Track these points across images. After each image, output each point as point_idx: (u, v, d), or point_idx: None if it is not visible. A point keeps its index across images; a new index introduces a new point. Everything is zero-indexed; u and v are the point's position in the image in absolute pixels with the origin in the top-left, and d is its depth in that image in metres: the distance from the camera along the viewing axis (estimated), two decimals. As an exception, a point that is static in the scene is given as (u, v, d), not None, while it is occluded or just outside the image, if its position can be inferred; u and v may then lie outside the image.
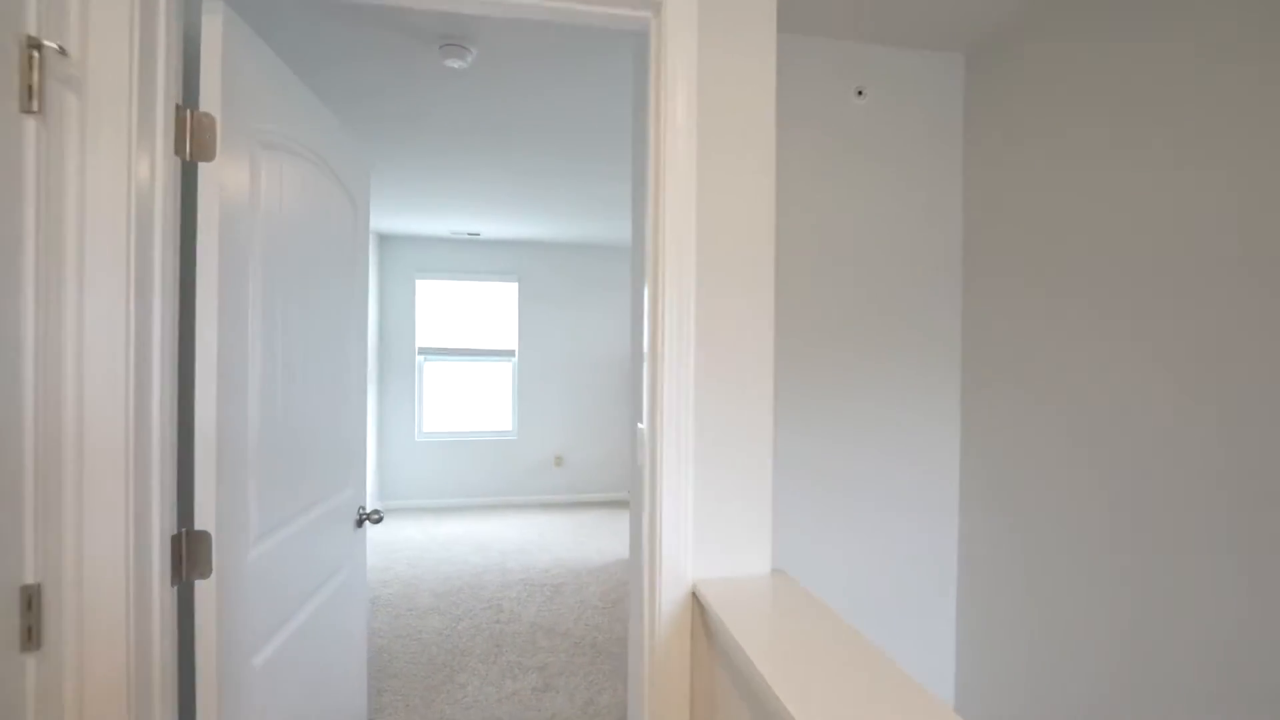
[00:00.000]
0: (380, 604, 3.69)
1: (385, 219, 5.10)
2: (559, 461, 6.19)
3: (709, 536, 1.36)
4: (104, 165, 1.05)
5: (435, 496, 5.98)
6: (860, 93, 2.03)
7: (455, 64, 2.17)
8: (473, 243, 5.99)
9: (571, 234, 5.60)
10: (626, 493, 6.31)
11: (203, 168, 1.18)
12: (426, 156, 3.40)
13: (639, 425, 1.45)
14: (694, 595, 1.34)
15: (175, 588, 1.18)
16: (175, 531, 1.18)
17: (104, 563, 1.06)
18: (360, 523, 1.98)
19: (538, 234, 5.63)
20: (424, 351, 6.00)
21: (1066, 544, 1.72)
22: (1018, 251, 1.88)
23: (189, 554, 1.18)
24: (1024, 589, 1.85)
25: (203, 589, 1.19)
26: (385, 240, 5.88)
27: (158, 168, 1.12)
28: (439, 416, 6.08)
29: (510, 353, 6.14)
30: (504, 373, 6.17)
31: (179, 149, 1.16)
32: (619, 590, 3.92)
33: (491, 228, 5.40)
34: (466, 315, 6.10)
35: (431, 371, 6.06)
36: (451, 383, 6.10)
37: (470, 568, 4.33)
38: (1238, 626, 1.32)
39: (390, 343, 5.90)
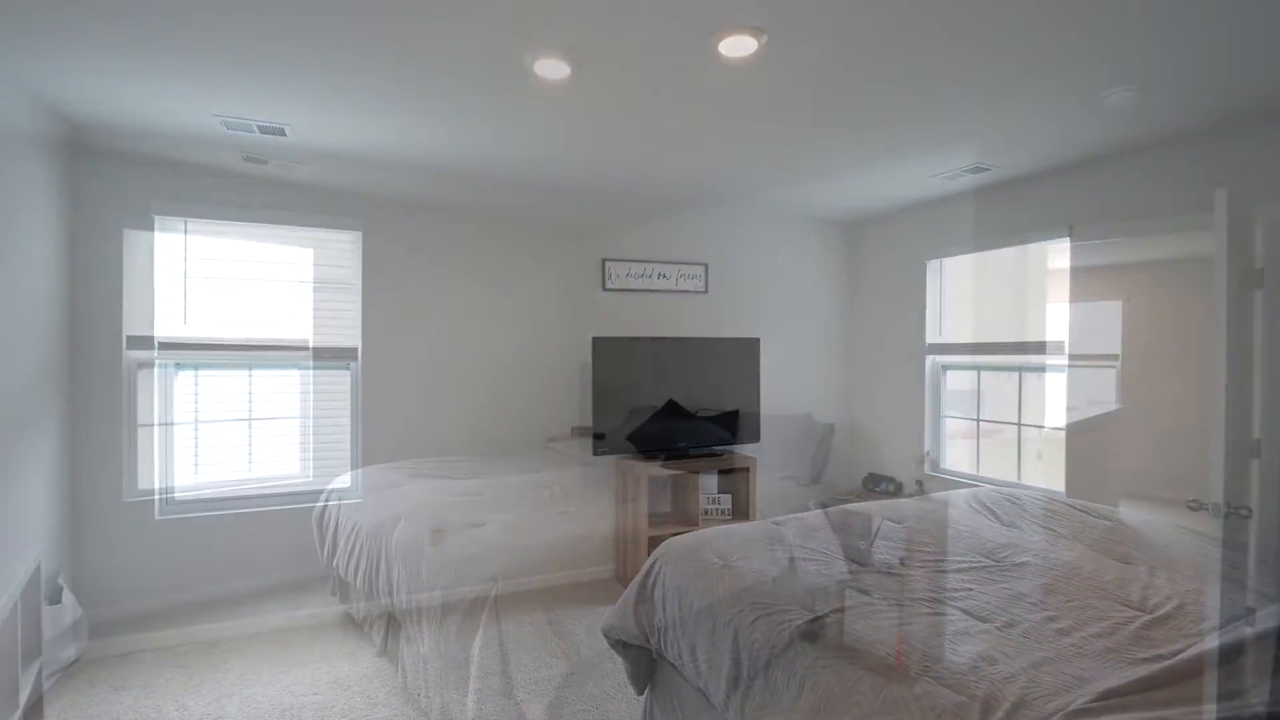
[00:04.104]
0: None
1: (71, 79, 2.34)
2: (437, 539, 3.71)
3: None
4: None
5: (188, 622, 3.23)
6: None
7: None
8: (273, 148, 3.33)
9: (460, 140, 3.17)
10: (562, 573, 3.96)
11: None
12: None
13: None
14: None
15: None
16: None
17: None
18: None
19: (402, 136, 3.13)
20: (166, 347, 3.23)
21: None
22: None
23: None
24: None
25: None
26: (80, 145, 3.00)
27: None
28: (205, 464, 3.33)
29: (350, 353, 3.56)
30: (338, 388, 3.57)
31: None
32: None
33: (310, 119, 2.83)
34: (262, 290, 3.42)
35: (189, 386, 3.30)
36: (233, 407, 3.38)
37: None
38: None
39: (94, 334, 3.06)
